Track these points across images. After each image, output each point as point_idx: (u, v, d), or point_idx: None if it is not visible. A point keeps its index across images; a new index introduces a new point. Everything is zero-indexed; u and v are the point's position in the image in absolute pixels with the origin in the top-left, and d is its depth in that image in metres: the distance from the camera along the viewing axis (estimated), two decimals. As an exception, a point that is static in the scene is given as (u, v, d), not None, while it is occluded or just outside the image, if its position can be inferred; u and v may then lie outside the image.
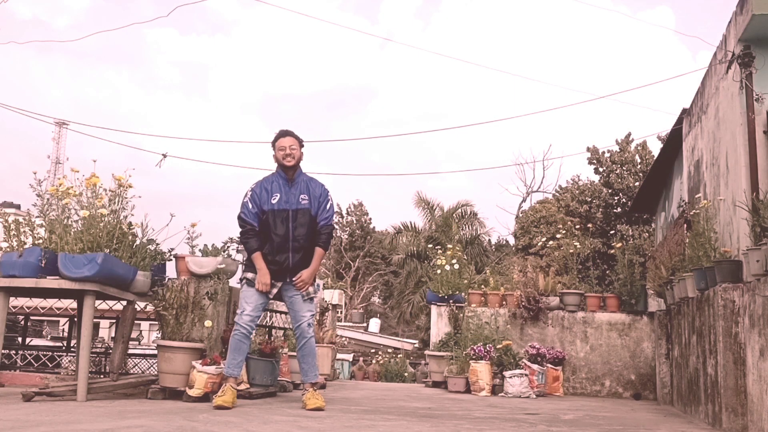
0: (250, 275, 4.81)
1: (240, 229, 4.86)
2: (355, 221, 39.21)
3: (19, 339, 9.57)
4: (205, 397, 4.87)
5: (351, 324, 27.89)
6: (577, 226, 11.98)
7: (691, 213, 5.86)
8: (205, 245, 5.77)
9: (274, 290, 4.84)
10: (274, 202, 4.81)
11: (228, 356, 4.80)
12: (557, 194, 23.40)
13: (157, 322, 5.69)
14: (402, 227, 29.42)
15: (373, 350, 23.09)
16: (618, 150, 20.73)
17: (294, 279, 4.82)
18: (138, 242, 5.28)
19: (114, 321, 6.99)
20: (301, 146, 4.97)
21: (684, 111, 7.82)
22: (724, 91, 5.91)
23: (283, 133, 4.95)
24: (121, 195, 5.08)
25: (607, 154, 20.82)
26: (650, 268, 7.22)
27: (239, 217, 4.84)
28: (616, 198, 20.53)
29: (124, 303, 5.44)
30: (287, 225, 4.77)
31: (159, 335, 5.56)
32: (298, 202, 4.82)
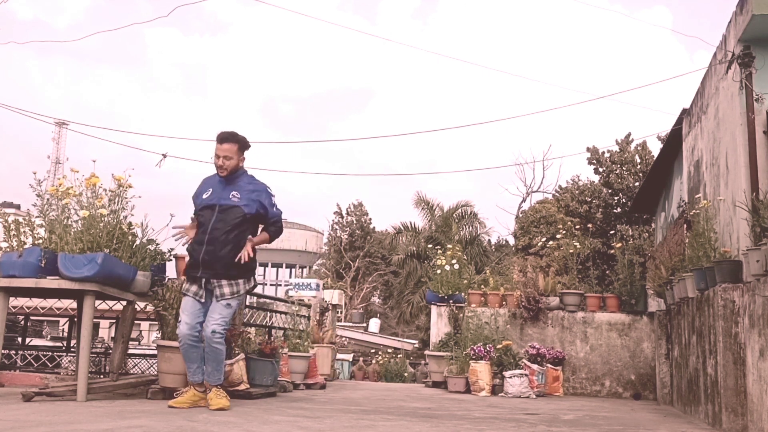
0: (186, 285, 4.70)
1: None
2: (355, 221, 39.23)
3: (19, 339, 9.57)
4: (205, 397, 4.86)
5: (351, 324, 27.88)
6: (577, 226, 11.98)
7: (691, 213, 5.86)
8: (205, 245, 5.75)
9: (202, 292, 4.61)
10: (205, 197, 4.76)
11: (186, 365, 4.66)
12: (557, 194, 23.38)
13: (157, 322, 5.69)
14: (402, 227, 29.42)
15: (372, 350, 23.07)
16: (618, 150, 20.73)
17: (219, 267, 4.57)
18: (138, 242, 5.28)
19: (114, 321, 6.99)
20: (242, 150, 4.76)
21: (684, 111, 7.82)
22: (724, 92, 5.91)
23: (220, 138, 4.72)
24: (120, 195, 5.07)
25: (607, 154, 20.81)
26: (650, 268, 7.22)
27: None
28: (616, 198, 20.52)
29: (124, 303, 5.43)
30: (210, 219, 4.64)
31: (159, 335, 5.56)
32: (228, 198, 4.67)
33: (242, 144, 4.78)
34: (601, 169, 20.93)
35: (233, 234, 4.61)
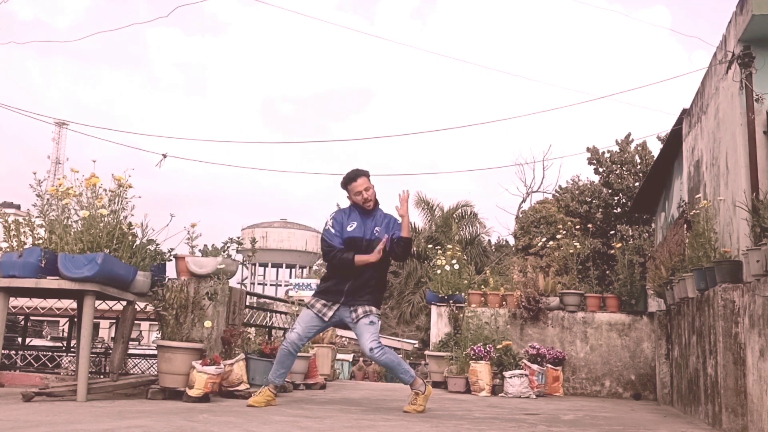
0: (311, 300, 4.98)
1: (326, 255, 4.96)
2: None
3: (19, 339, 9.57)
4: (205, 398, 4.87)
5: (351, 324, 27.82)
6: (577, 227, 11.96)
7: (691, 213, 5.86)
8: (205, 245, 5.77)
9: (330, 313, 4.89)
10: (350, 230, 4.94)
11: (273, 365, 4.99)
12: (557, 194, 23.37)
13: (157, 323, 5.68)
14: (402, 227, 29.39)
15: (373, 350, 23.02)
16: (618, 150, 20.72)
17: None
18: (138, 242, 5.28)
19: (114, 321, 7.00)
20: (370, 178, 5.03)
21: (684, 111, 7.82)
22: (724, 92, 5.91)
23: (353, 176, 4.97)
24: (120, 195, 5.07)
25: (607, 155, 20.81)
26: (650, 268, 7.22)
27: (324, 243, 4.96)
28: (616, 198, 20.52)
29: (124, 303, 5.44)
30: (358, 253, 4.85)
31: (159, 335, 5.56)
32: (372, 233, 4.93)
33: (369, 175, 5.06)
34: (601, 169, 20.92)
35: (377, 267, 4.92)
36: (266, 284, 66.05)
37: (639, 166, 20.24)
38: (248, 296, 7.55)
